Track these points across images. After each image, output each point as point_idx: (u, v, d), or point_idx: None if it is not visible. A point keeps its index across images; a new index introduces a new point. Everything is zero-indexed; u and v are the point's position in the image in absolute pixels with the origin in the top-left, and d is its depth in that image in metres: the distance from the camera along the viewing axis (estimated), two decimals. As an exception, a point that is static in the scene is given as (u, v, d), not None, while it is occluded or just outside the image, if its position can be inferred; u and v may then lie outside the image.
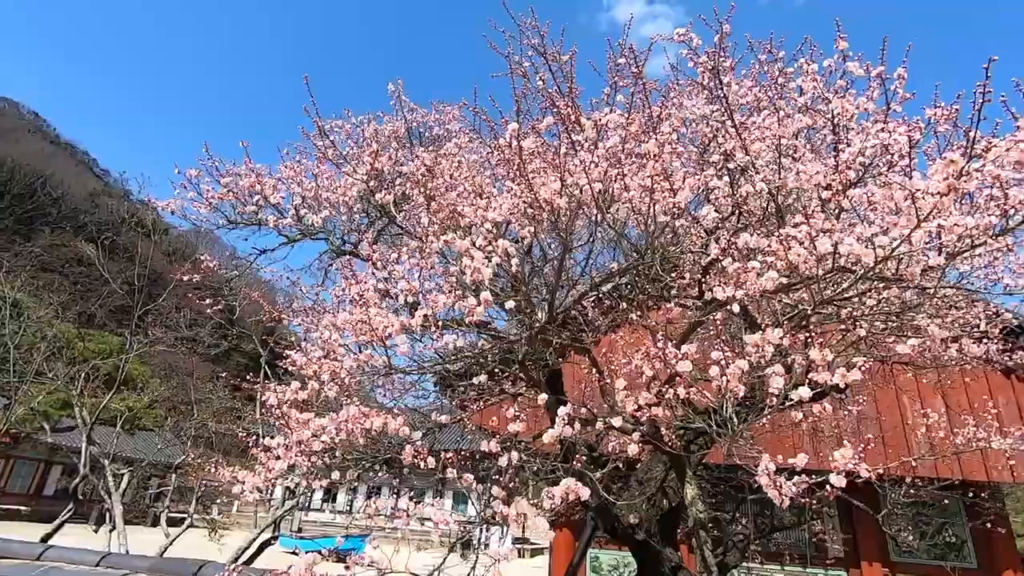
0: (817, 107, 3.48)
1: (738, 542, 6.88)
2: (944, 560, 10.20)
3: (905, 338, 2.64)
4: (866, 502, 8.09)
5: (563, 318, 5.09)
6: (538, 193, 2.50)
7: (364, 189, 4.07)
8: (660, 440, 4.02)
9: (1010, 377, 9.12)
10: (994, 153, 2.45)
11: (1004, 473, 8.80)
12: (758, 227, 3.05)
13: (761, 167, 3.56)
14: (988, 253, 3.71)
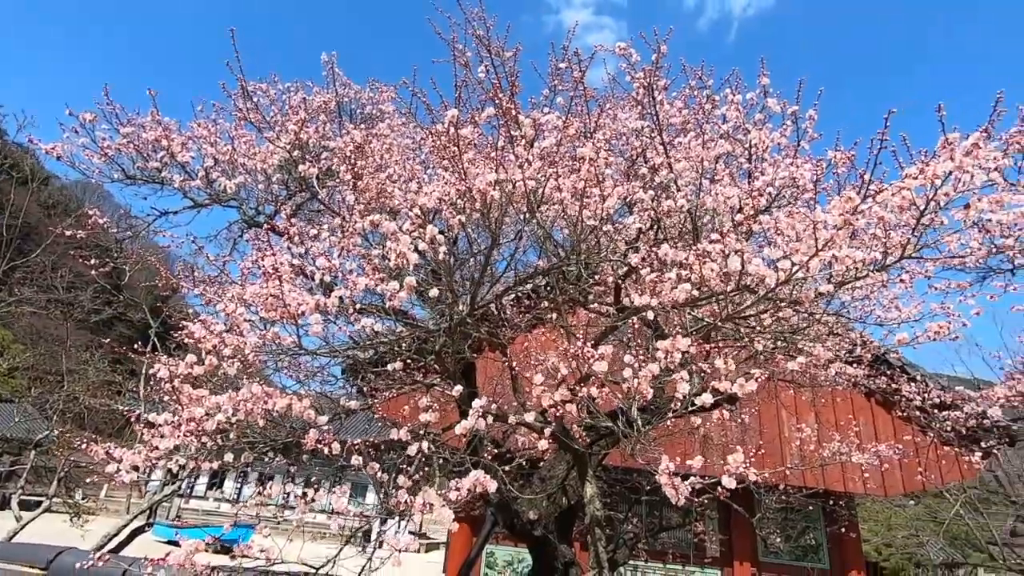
0: (737, 136, 3.73)
1: (628, 540, 7.23)
2: (803, 561, 11.29)
3: (792, 357, 2.88)
4: (743, 507, 8.79)
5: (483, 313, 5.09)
6: (473, 183, 2.47)
7: (286, 159, 3.84)
8: (569, 438, 4.13)
9: (870, 400, 10.26)
10: (883, 196, 2.74)
11: (859, 485, 9.91)
12: (676, 241, 3.21)
13: (683, 185, 3.76)
14: (866, 286, 4.16)
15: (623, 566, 7.61)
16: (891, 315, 4.09)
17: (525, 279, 3.13)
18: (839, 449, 7.64)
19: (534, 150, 2.96)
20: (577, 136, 2.97)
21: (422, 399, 2.62)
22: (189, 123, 4.59)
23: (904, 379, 7.75)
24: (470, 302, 3.29)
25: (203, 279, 3.50)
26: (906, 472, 9.87)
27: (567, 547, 6.11)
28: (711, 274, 2.61)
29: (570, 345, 2.52)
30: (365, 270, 2.77)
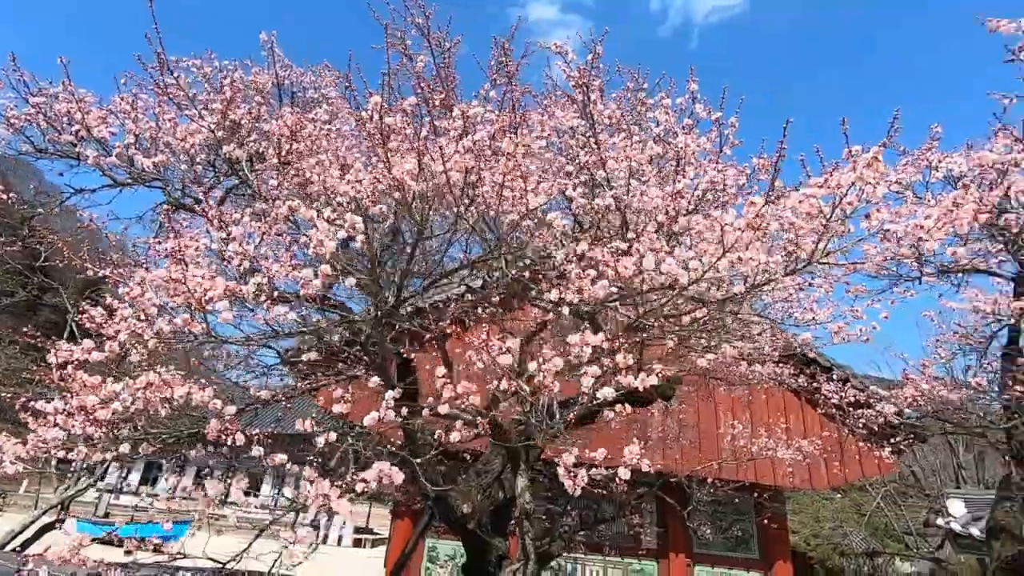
0: (668, 139, 3.82)
1: (563, 533, 7.34)
2: (735, 552, 11.77)
3: (704, 354, 2.99)
4: (678, 500, 9.09)
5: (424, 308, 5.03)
6: (392, 171, 2.44)
7: (211, 138, 3.68)
8: (502, 432, 4.15)
9: (800, 398, 10.77)
10: (790, 202, 2.88)
11: (787, 479, 10.41)
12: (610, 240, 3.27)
13: (615, 185, 3.83)
14: (784, 289, 4.35)
15: (559, 558, 7.73)
16: (807, 317, 4.29)
17: (450, 272, 3.12)
18: (767, 445, 8.01)
19: (464, 143, 2.95)
20: (510, 131, 2.98)
21: (336, 390, 2.57)
22: (112, 97, 4.34)
23: (824, 378, 8.18)
24: (396, 293, 3.25)
25: (115, 262, 3.32)
26: (831, 467, 10.44)
27: (502, 540, 6.15)
28: (627, 272, 2.67)
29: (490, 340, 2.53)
30: (281, 257, 2.70)
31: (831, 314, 4.25)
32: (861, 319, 4.22)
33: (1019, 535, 4.27)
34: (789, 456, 8.16)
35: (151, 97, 4.07)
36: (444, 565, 11.60)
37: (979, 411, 5.28)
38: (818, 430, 10.35)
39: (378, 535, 24.46)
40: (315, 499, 1.78)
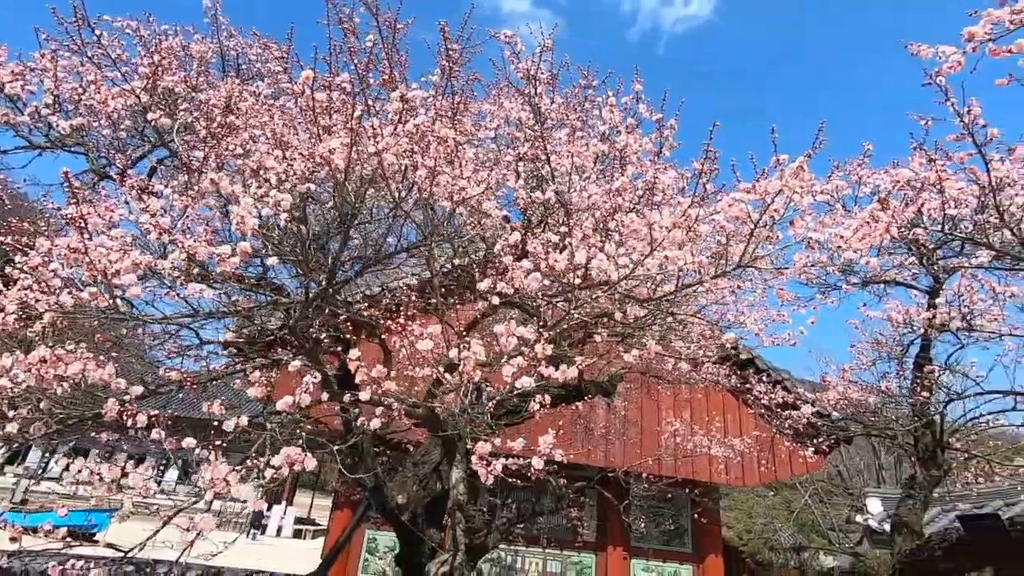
0: (612, 138, 3.87)
1: (501, 525, 7.39)
2: (670, 545, 12.14)
3: (630, 350, 3.05)
4: (618, 495, 9.29)
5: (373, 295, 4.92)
6: (319, 148, 2.36)
7: (137, 104, 3.48)
8: (438, 423, 4.11)
9: (738, 399, 11.18)
10: (720, 206, 2.96)
11: (721, 476, 10.81)
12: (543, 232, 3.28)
13: (559, 179, 3.85)
14: (717, 291, 4.48)
15: (496, 550, 7.78)
16: (739, 320, 4.45)
17: (385, 258, 3.06)
18: (702, 442, 8.28)
19: (404, 127, 2.89)
20: (449, 117, 2.93)
21: (253, 372, 2.47)
22: (32, 53, 4.03)
23: (756, 380, 8.53)
24: (327, 277, 3.16)
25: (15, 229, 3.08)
26: (763, 465, 10.91)
27: (436, 532, 6.12)
28: (559, 265, 2.68)
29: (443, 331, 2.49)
30: (200, 232, 2.57)
31: (760, 318, 4.42)
32: (788, 323, 4.40)
33: (918, 530, 4.57)
34: (723, 454, 8.47)
35: (79, 57, 3.81)
36: (383, 556, 11.48)
37: (891, 415, 5.61)
38: (752, 430, 10.78)
39: (320, 526, 23.97)
40: (211, 484, 1.71)
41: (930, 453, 4.89)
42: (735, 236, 3.26)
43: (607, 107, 3.82)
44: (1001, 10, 2.60)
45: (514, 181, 3.29)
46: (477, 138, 3.92)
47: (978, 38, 2.81)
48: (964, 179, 3.56)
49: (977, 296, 4.81)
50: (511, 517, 7.59)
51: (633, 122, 3.60)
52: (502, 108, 4.10)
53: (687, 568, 11.91)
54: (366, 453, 6.11)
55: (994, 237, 3.52)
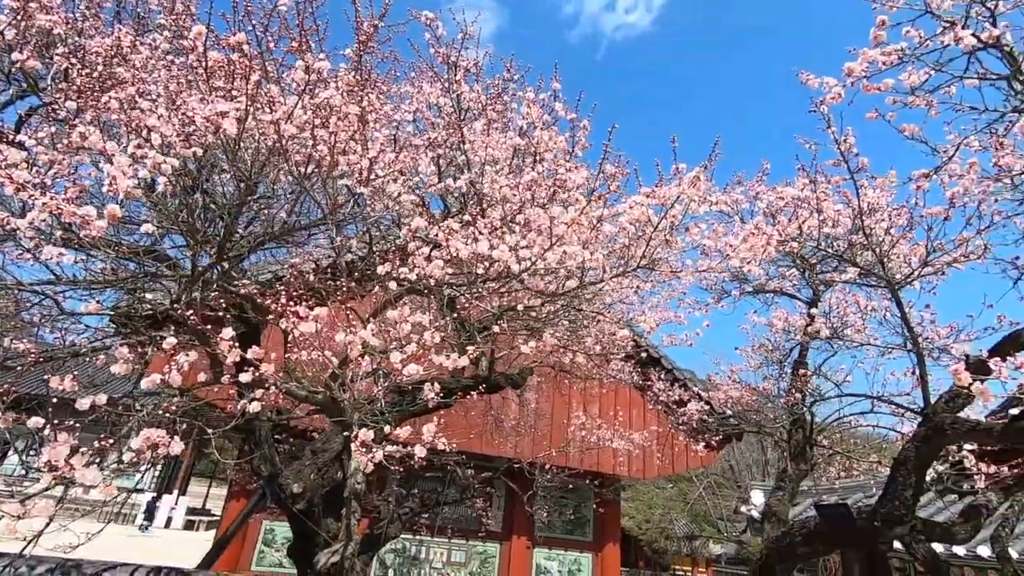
0: (530, 133, 3.91)
1: (404, 515, 7.33)
2: (571, 535, 12.56)
3: (526, 341, 3.10)
4: (525, 485, 9.48)
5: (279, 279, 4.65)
6: (206, 112, 2.20)
7: (0, 42, 3.07)
8: (337, 409, 3.98)
9: (643, 395, 11.74)
10: (621, 208, 3.07)
11: (622, 469, 11.32)
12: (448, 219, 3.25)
13: (474, 168, 3.84)
14: (621, 290, 4.66)
15: (396, 540, 7.69)
16: (640, 318, 4.66)
17: (283, 234, 2.91)
18: (605, 436, 8.63)
19: (309, 100, 2.75)
20: (357, 94, 2.82)
21: (121, 348, 2.27)
22: None
23: (657, 377, 8.99)
24: (217, 252, 2.96)
25: None
26: (662, 459, 11.54)
27: (334, 522, 5.95)
28: (462, 253, 2.67)
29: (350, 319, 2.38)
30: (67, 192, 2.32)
31: (660, 318, 4.65)
32: (684, 325, 4.65)
33: (785, 519, 5.03)
34: (625, 447, 8.88)
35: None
36: (281, 548, 11.05)
37: (771, 414, 6.12)
38: (654, 425, 11.37)
39: (215, 517, 22.64)
40: (49, 466, 1.54)
41: (800, 449, 5.39)
42: (637, 238, 3.40)
43: (526, 102, 3.86)
44: (874, 51, 2.88)
45: (425, 167, 3.23)
46: (394, 120, 3.82)
47: (856, 74, 3.09)
48: (841, 201, 3.93)
49: (848, 309, 5.34)
50: (414, 507, 7.52)
51: (548, 119, 3.65)
52: (422, 92, 4.02)
53: (587, 556, 12.40)
54: (263, 440, 5.81)
55: (861, 257, 3.92)
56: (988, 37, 2.51)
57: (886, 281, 3.48)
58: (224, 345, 1.88)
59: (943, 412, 3.57)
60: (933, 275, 3.97)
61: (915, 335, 3.57)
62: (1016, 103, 2.73)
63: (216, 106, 2.17)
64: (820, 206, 3.63)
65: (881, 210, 3.88)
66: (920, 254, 3.58)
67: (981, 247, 3.43)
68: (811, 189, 3.69)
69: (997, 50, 2.62)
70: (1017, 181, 3.45)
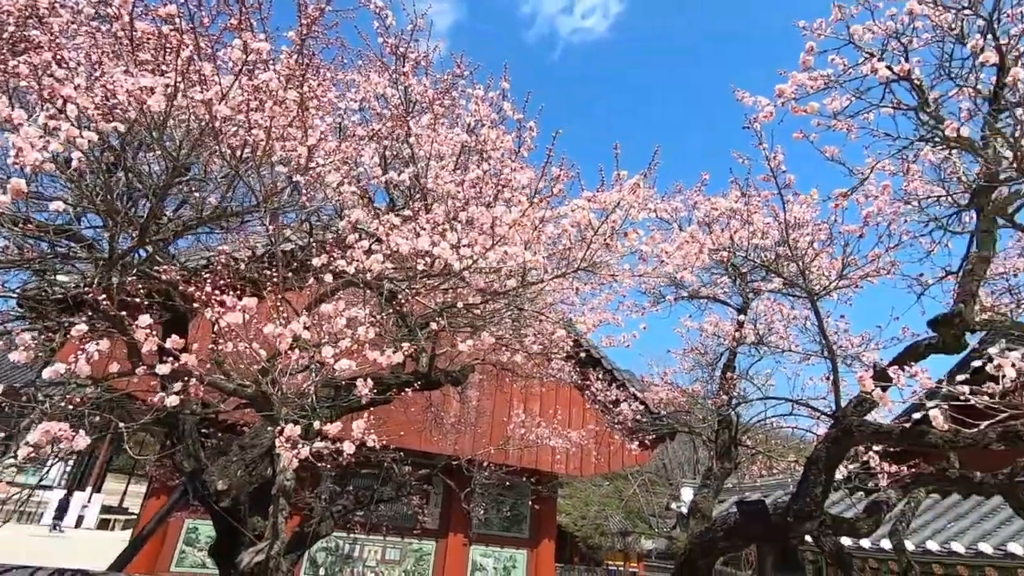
0: (477, 131, 3.90)
1: (337, 512, 7.17)
2: (508, 532, 12.66)
3: (465, 340, 3.11)
4: (464, 483, 9.47)
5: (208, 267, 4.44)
6: (130, 85, 2.06)
7: None
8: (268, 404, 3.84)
9: (584, 394, 11.98)
10: (563, 211, 3.13)
11: (560, 466, 11.52)
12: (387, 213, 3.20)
13: (418, 162, 3.79)
14: (562, 291, 4.74)
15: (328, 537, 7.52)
16: (579, 319, 4.75)
17: (212, 220, 2.77)
18: (544, 434, 8.75)
19: (252, 81, 2.64)
20: (301, 79, 2.73)
21: (22, 334, 2.10)
22: None
23: (595, 377, 9.21)
24: (139, 234, 2.80)
25: None
26: (599, 457, 11.82)
27: (262, 520, 5.74)
28: (403, 248, 2.64)
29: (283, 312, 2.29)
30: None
31: (599, 319, 4.76)
32: (622, 327, 4.78)
33: (709, 515, 5.28)
34: (563, 445, 9.04)
35: None
36: (204, 548, 10.54)
37: (700, 415, 6.40)
38: (592, 424, 11.63)
39: (133, 515, 21.33)
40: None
41: (726, 449, 5.67)
42: (578, 241, 3.46)
43: (474, 100, 3.85)
44: (803, 75, 3.06)
45: (369, 158, 3.17)
46: (338, 108, 3.72)
47: (786, 95, 3.28)
48: (770, 215, 4.16)
49: (774, 317, 5.66)
50: (348, 504, 7.35)
51: (496, 117, 3.66)
52: (369, 81, 3.93)
53: (522, 553, 12.53)
54: (188, 434, 5.53)
55: (785, 268, 4.17)
56: (900, 70, 2.73)
57: (807, 292, 3.72)
58: (140, 333, 1.77)
59: (851, 415, 3.84)
60: (848, 287, 4.27)
61: (830, 343, 3.83)
62: (923, 133, 2.98)
63: (141, 80, 2.04)
64: (751, 218, 3.83)
65: (805, 225, 4.14)
66: (837, 268, 3.85)
67: (890, 264, 3.72)
68: (743, 202, 3.89)
69: (908, 83, 2.85)
70: (924, 205, 3.77)
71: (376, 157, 3.34)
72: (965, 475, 4.33)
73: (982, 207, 2.89)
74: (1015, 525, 8.09)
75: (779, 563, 4.11)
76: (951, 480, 4.51)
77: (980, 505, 9.18)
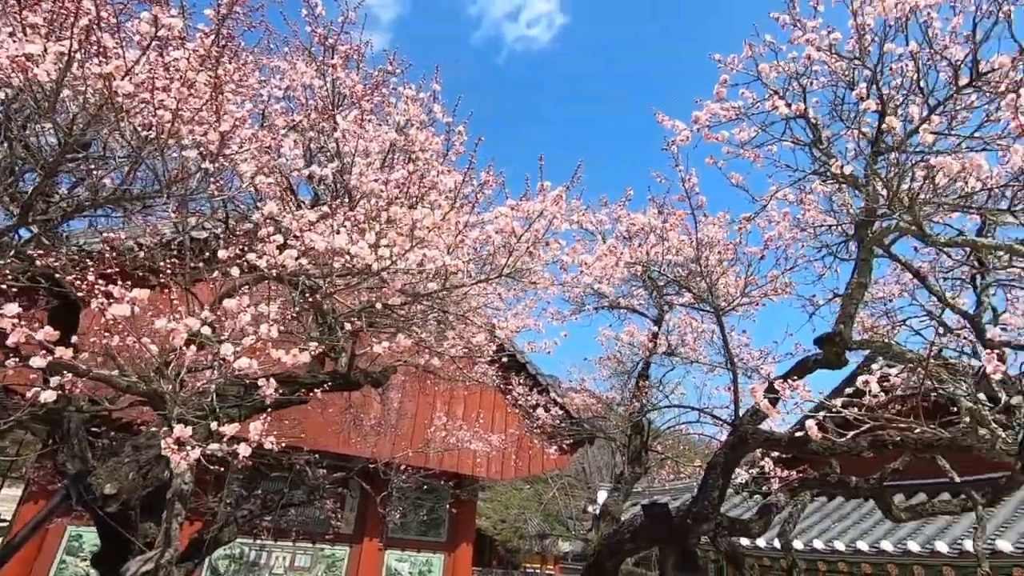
0: (407, 130, 3.87)
1: (241, 517, 6.79)
2: (425, 535, 12.51)
3: (378, 341, 3.07)
4: (382, 486, 9.26)
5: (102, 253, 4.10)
6: (14, 50, 1.88)
7: None
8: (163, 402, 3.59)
9: (506, 398, 12.08)
10: (487, 217, 3.16)
11: (481, 470, 11.53)
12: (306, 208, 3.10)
13: (344, 158, 3.71)
14: (486, 295, 4.79)
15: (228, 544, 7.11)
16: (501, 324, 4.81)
17: (106, 202, 2.56)
18: (465, 437, 8.75)
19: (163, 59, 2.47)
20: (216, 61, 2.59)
21: None
22: None
23: (517, 382, 9.34)
24: (22, 213, 2.55)
25: None
26: (520, 460, 11.94)
27: (155, 525, 5.36)
28: (318, 245, 2.57)
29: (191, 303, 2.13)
30: None
31: (520, 325, 4.84)
32: (542, 333, 4.88)
33: (618, 518, 5.49)
34: (485, 449, 9.06)
35: None
36: (88, 558, 9.67)
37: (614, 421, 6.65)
38: (515, 428, 11.74)
39: (5, 522, 19.18)
40: None
41: (637, 454, 5.92)
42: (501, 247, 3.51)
43: (405, 98, 3.82)
44: (716, 104, 3.27)
45: (289, 149, 3.06)
46: (260, 94, 3.56)
47: (702, 122, 3.49)
48: (684, 233, 4.41)
49: (686, 329, 5.98)
50: (254, 509, 7.00)
51: (426, 119, 3.65)
52: (296, 70, 3.80)
53: (439, 557, 12.41)
54: (72, 433, 5.09)
55: (695, 284, 4.43)
56: (796, 109, 2.99)
57: (713, 307, 3.97)
58: (6, 322, 1.60)
59: (747, 424, 4.13)
60: (751, 305, 4.60)
61: (732, 356, 4.11)
62: (816, 167, 3.28)
63: (27, 47, 1.86)
64: (666, 235, 4.04)
65: (716, 244, 4.42)
66: (740, 286, 4.14)
67: (787, 284, 4.04)
68: (661, 219, 4.10)
69: (805, 120, 3.12)
70: (817, 232, 4.13)
71: (299, 149, 3.23)
72: (843, 479, 4.77)
73: (862, 238, 3.22)
74: (888, 525, 8.98)
75: (679, 563, 4.34)
76: (831, 484, 4.95)
77: (860, 507, 10.11)
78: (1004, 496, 4.79)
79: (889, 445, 3.21)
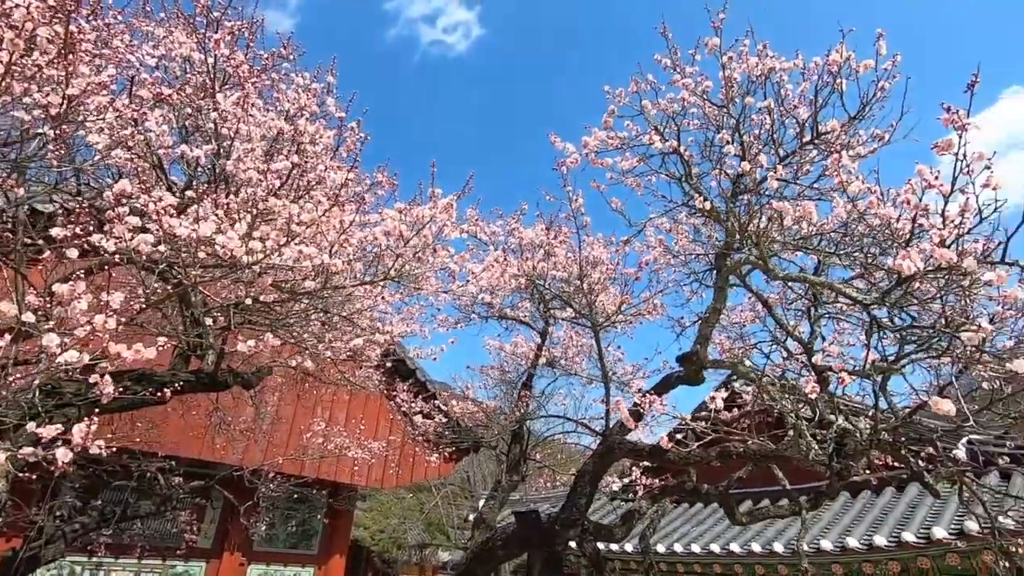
0: (295, 120, 3.69)
1: (72, 531, 5.96)
2: (295, 548, 11.77)
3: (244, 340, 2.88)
4: (247, 495, 8.57)
5: None
6: None
7: None
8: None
9: (391, 403, 11.77)
10: (376, 218, 3.10)
11: (360, 478, 11.10)
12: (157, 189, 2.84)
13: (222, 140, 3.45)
14: (372, 297, 4.67)
15: (56, 561, 6.22)
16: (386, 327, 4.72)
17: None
18: (345, 443, 8.40)
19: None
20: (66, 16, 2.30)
21: None
22: None
23: (403, 388, 9.19)
24: None
25: None
26: (402, 468, 11.64)
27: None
28: (179, 232, 2.36)
29: None
30: None
31: (405, 330, 4.77)
32: (427, 339, 4.85)
33: (492, 525, 5.56)
34: (365, 456, 8.76)
35: None
36: None
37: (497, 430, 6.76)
38: (398, 435, 11.46)
39: None
40: None
41: (515, 462, 6.05)
42: (388, 249, 3.44)
43: (295, 87, 3.64)
44: (603, 132, 3.48)
45: (156, 125, 2.79)
46: (128, 59, 3.21)
47: (590, 147, 3.69)
48: (569, 251, 4.62)
49: (569, 343, 6.24)
50: (89, 522, 6.19)
51: (316, 110, 3.51)
52: (173, 39, 3.48)
53: (308, 570, 11.72)
54: None
55: (577, 300, 4.66)
56: (670, 146, 3.28)
57: (591, 323, 4.19)
58: None
59: (616, 434, 4.39)
60: (625, 322, 4.91)
61: (606, 370, 4.36)
62: (686, 200, 3.61)
63: None
64: (552, 251, 4.21)
65: (598, 263, 4.69)
66: (617, 304, 4.41)
67: (657, 305, 4.36)
68: (548, 236, 4.26)
69: (678, 156, 3.43)
70: (687, 259, 4.52)
71: (168, 125, 2.95)
72: (696, 487, 5.21)
73: (720, 268, 3.58)
74: (737, 529, 9.94)
75: (544, 569, 4.47)
76: (688, 491, 5.39)
77: (716, 512, 11.09)
78: (824, 502, 5.51)
79: (734, 455, 3.58)
